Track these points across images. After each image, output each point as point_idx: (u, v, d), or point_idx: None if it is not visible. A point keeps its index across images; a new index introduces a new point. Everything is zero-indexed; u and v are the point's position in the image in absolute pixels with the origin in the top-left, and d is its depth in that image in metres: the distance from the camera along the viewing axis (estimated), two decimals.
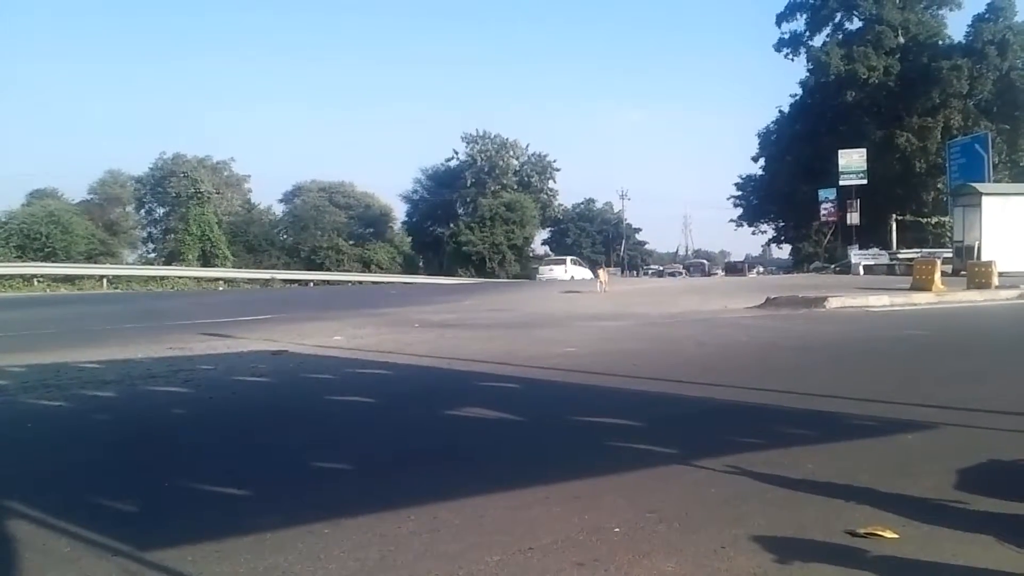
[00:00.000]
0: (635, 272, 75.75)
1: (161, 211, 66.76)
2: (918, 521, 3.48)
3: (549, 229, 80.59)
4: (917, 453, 4.84)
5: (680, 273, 62.92)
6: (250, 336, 12.22)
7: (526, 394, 7.43)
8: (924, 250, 35.81)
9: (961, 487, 4.01)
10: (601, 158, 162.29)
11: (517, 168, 73.02)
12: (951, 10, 53.45)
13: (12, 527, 3.70)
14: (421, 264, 68.06)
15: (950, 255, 29.78)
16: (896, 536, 3.29)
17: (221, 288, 40.57)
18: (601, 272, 25.20)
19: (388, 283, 46.85)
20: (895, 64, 50.57)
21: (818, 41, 54.75)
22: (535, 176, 73.93)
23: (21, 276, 36.30)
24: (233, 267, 49.84)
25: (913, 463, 4.56)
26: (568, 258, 52.08)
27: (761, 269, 61.71)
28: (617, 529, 3.48)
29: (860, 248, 38.88)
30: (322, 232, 63.86)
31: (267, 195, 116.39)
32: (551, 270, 47.01)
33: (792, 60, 56.66)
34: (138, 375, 8.41)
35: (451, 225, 65.60)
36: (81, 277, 38.44)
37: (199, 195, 55.64)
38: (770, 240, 67.01)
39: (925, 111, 48.40)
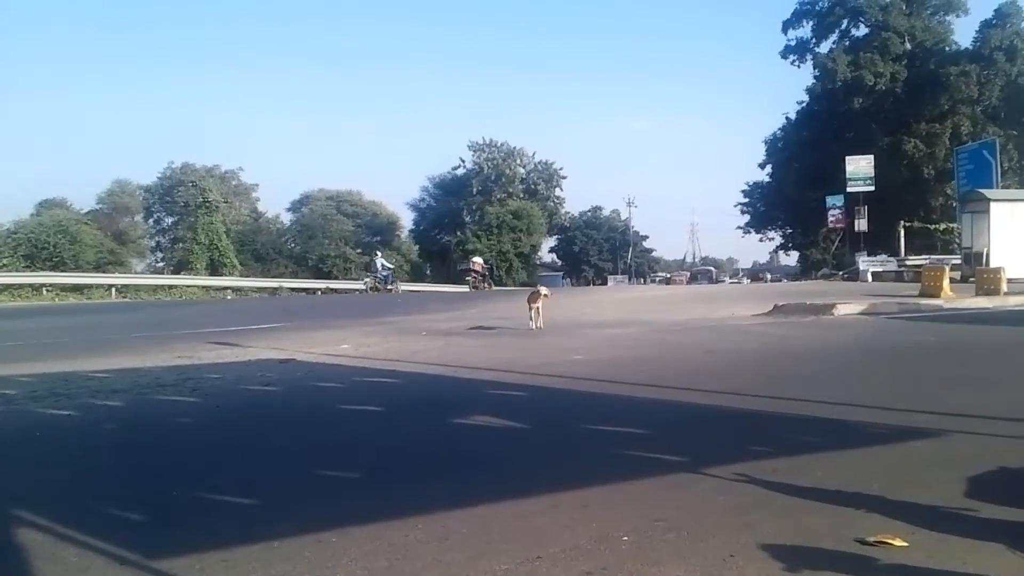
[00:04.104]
0: (642, 280, 75.63)
1: (169, 220, 66.97)
2: (928, 529, 3.46)
3: (556, 237, 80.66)
4: (927, 460, 4.81)
5: (676, 280, 62.89)
6: (258, 345, 12.24)
7: (533, 402, 7.42)
8: (932, 256, 35.64)
9: (971, 495, 3.99)
10: (608, 165, 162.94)
11: (524, 176, 73.14)
12: (958, 16, 53.47)
13: (21, 536, 3.71)
14: (428, 272, 68.13)
15: (958, 261, 29.64)
16: (906, 544, 3.27)
17: (229, 297, 40.64)
18: (536, 296, 14.52)
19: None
20: (902, 70, 50.51)
21: (824, 48, 54.80)
22: (542, 184, 74.05)
23: (30, 285, 36.41)
24: (241, 276, 49.91)
25: (923, 471, 4.54)
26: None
27: (769, 276, 61.56)
28: (625, 538, 3.47)
29: (868, 255, 38.77)
30: (330, 241, 63.96)
31: (275, 204, 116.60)
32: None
33: (799, 67, 56.72)
34: (146, 384, 8.43)
35: (458, 233, 65.68)
36: (90, 286, 38.53)
37: (207, 204, 55.69)
38: (777, 247, 66.98)
39: (933, 117, 48.33)
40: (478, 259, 41.92)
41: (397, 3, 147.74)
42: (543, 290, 15.10)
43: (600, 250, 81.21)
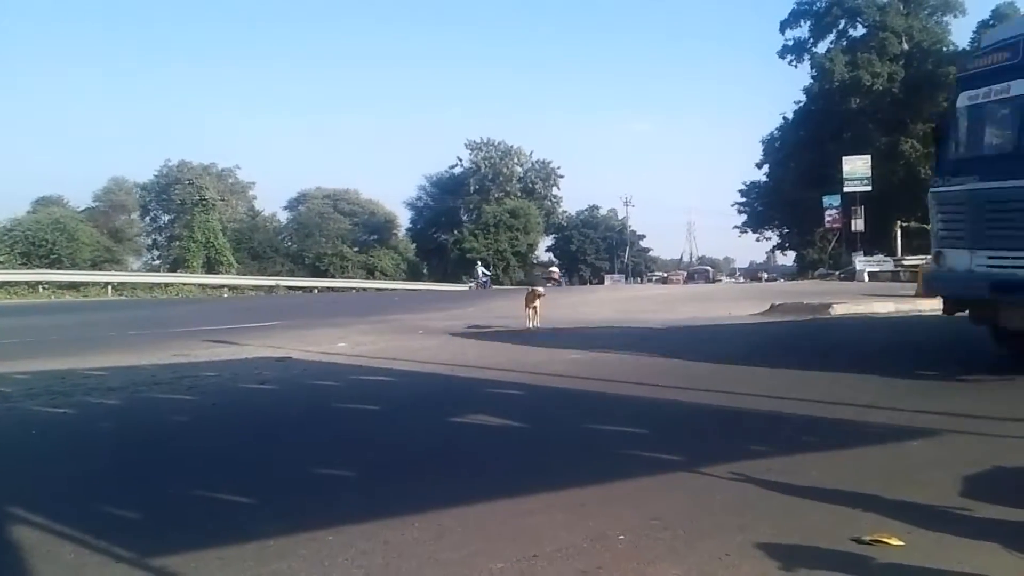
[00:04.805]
0: (639, 279, 75.69)
1: (166, 218, 67.07)
2: (924, 528, 3.46)
3: (553, 236, 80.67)
4: (923, 460, 4.82)
5: (672, 279, 63.02)
6: (254, 343, 12.23)
7: (529, 400, 7.42)
8: (929, 257, 35.61)
9: (967, 494, 3.99)
10: (605, 164, 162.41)
11: (521, 175, 73.25)
12: (955, 16, 53.37)
13: (16, 533, 3.71)
14: (425, 271, 68.17)
15: None
16: (902, 544, 3.27)
17: (226, 295, 40.63)
18: (534, 296, 14.29)
19: (392, 290, 46.92)
20: (899, 70, 50.56)
21: (822, 48, 54.74)
22: (539, 183, 74.20)
23: (26, 283, 36.39)
24: (238, 274, 50.02)
25: (919, 470, 4.54)
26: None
27: (766, 276, 61.62)
28: (621, 536, 3.47)
29: (865, 255, 38.75)
30: (326, 239, 64.05)
31: (272, 202, 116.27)
32: None
33: (796, 67, 56.63)
34: (143, 382, 8.42)
35: (455, 232, 65.81)
36: (86, 284, 38.53)
37: (204, 202, 55.66)
38: (774, 247, 67.07)
39: (930, 117, 48.35)
40: (555, 268, 52.81)
41: (397, 3, 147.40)
42: (540, 290, 15.02)
43: (597, 249, 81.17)
